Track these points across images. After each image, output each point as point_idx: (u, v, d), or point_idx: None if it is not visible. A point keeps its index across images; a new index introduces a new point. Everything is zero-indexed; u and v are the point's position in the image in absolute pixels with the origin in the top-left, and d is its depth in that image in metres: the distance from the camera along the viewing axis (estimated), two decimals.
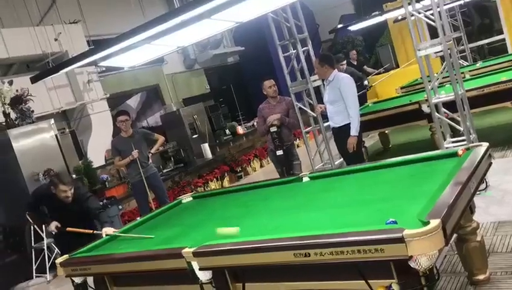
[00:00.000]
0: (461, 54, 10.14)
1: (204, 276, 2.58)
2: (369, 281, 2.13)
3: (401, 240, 1.91)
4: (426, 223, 1.97)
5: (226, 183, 8.56)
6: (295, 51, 6.10)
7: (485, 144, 3.03)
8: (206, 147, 9.21)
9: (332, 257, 2.08)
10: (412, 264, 1.94)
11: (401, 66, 12.37)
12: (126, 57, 4.04)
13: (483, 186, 4.29)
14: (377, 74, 10.37)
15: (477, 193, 3.59)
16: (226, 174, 8.72)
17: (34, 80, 4.69)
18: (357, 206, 2.74)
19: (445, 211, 2.05)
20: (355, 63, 9.86)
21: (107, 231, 3.74)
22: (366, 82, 8.83)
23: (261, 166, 9.62)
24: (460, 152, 3.03)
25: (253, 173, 9.30)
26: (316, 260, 2.13)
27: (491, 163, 3.03)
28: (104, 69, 8.89)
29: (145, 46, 3.78)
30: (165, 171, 8.65)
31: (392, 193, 2.82)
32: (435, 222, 1.95)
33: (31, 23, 7.99)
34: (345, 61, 8.28)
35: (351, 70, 7.96)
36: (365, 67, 10.46)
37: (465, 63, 9.64)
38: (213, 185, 8.23)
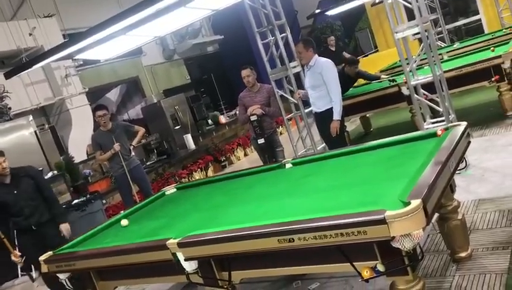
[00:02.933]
0: (439, 36, 10.22)
1: (190, 266, 2.58)
2: (354, 263, 2.15)
3: (383, 221, 1.93)
4: (407, 204, 1.98)
5: (210, 173, 8.55)
6: (273, 37, 6.07)
7: (464, 124, 3.06)
8: (188, 137, 9.17)
9: (316, 241, 2.10)
10: (394, 244, 1.96)
11: (380, 50, 12.45)
12: (102, 48, 3.98)
13: (463, 165, 4.35)
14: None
15: (458, 172, 3.64)
16: (210, 164, 8.70)
17: (8, 76, 4.60)
18: (340, 190, 2.76)
19: (425, 191, 2.07)
20: (333, 49, 9.76)
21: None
22: None
23: (245, 155, 9.62)
24: (439, 132, 3.06)
25: (237, 161, 9.30)
26: (300, 245, 2.14)
27: (470, 142, 3.07)
28: (81, 62, 8.74)
29: (122, 37, 3.73)
30: (148, 163, 8.59)
31: (373, 175, 2.84)
32: (415, 202, 1.96)
33: (4, 18, 7.81)
34: (358, 65, 7.14)
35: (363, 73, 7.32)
36: (344, 53, 10.32)
37: (443, 44, 9.71)
38: (197, 175, 8.21)
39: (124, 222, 3.51)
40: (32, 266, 5.88)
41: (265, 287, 3.51)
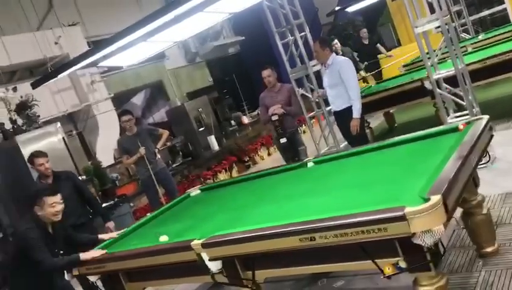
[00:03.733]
0: (463, 27, 10.02)
1: (214, 266, 2.63)
2: (376, 260, 2.16)
3: (403, 218, 1.93)
4: (427, 200, 1.99)
5: (234, 173, 8.61)
6: (293, 37, 6.08)
7: (486, 117, 3.02)
8: (212, 139, 9.25)
9: (337, 239, 2.11)
10: (415, 241, 1.97)
11: (403, 44, 12.29)
12: (125, 55, 4.07)
13: (486, 159, 4.27)
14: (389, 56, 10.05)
15: (484, 165, 3.60)
16: (234, 165, 8.76)
17: (34, 86, 4.74)
18: (362, 188, 2.76)
19: (445, 187, 2.07)
20: (366, 42, 9.63)
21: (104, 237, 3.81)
22: (362, 65, 8.73)
23: (269, 154, 9.64)
24: (461, 127, 3.03)
25: (261, 161, 9.33)
26: (321, 243, 2.16)
27: (493, 135, 3.03)
28: (106, 69, 8.90)
29: (144, 43, 3.80)
30: (173, 165, 8.70)
31: (395, 172, 2.83)
32: (435, 198, 1.96)
33: (30, 29, 8.03)
34: (336, 40, 8.15)
35: (348, 51, 7.89)
36: (378, 45, 10.08)
37: (467, 36, 9.51)
38: (222, 176, 8.27)
39: (164, 238, 3.15)
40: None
41: (290, 286, 3.54)
